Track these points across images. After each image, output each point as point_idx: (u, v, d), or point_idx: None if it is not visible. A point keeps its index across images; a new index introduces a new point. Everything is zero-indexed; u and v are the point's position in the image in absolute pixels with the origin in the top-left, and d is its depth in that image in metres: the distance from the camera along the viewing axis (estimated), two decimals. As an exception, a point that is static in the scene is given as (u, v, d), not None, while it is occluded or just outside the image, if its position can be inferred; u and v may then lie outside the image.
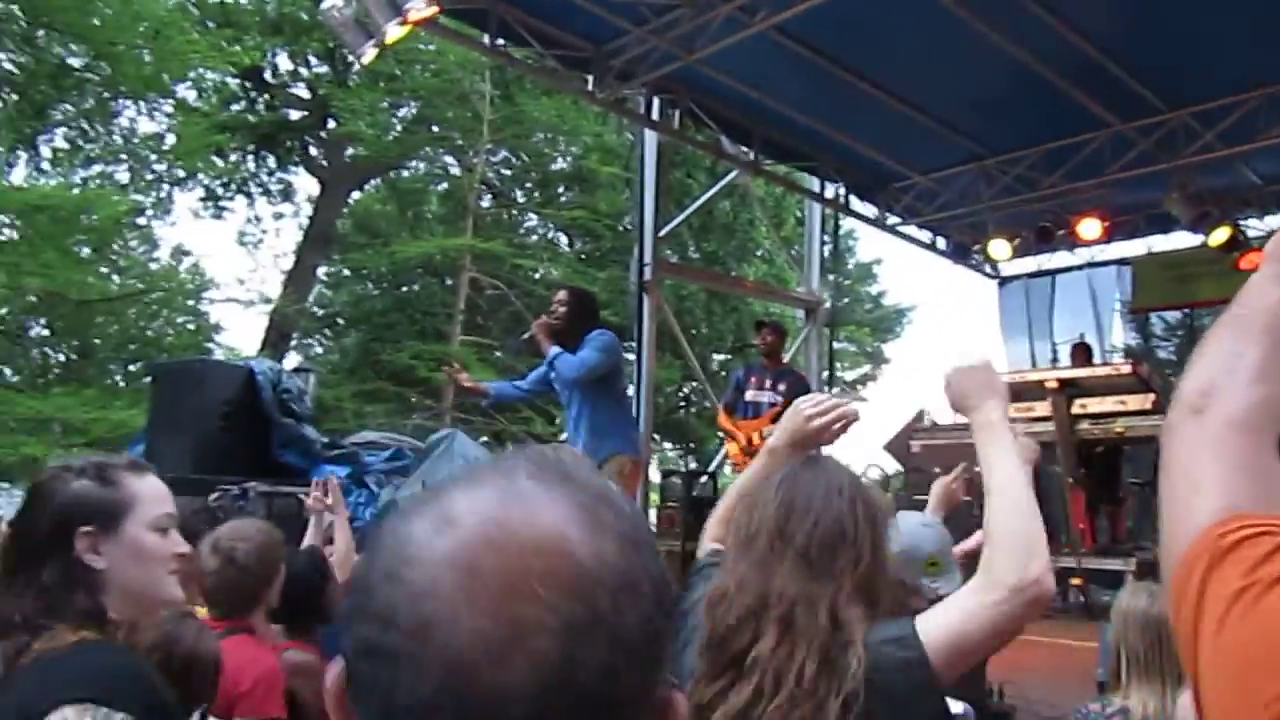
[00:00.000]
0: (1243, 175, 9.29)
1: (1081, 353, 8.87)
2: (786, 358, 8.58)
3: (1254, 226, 9.79)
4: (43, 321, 17.79)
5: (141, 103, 17.11)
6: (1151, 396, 7.29)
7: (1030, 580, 1.52)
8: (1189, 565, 0.88)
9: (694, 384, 20.40)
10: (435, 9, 6.21)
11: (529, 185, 22.53)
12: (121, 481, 1.72)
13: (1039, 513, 1.62)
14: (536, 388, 5.95)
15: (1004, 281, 12.24)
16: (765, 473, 1.90)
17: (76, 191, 14.83)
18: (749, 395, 7.69)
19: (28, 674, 1.53)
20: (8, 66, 15.41)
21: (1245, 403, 0.98)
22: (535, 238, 22.46)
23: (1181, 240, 10.41)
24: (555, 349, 5.62)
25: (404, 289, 22.12)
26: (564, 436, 6.23)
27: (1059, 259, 11.64)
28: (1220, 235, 9.15)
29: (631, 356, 8.79)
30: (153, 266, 20.25)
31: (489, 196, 21.57)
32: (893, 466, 9.63)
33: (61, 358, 19.74)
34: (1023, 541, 1.56)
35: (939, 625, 1.55)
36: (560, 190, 21.90)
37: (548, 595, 0.56)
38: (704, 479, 9.05)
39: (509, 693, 0.55)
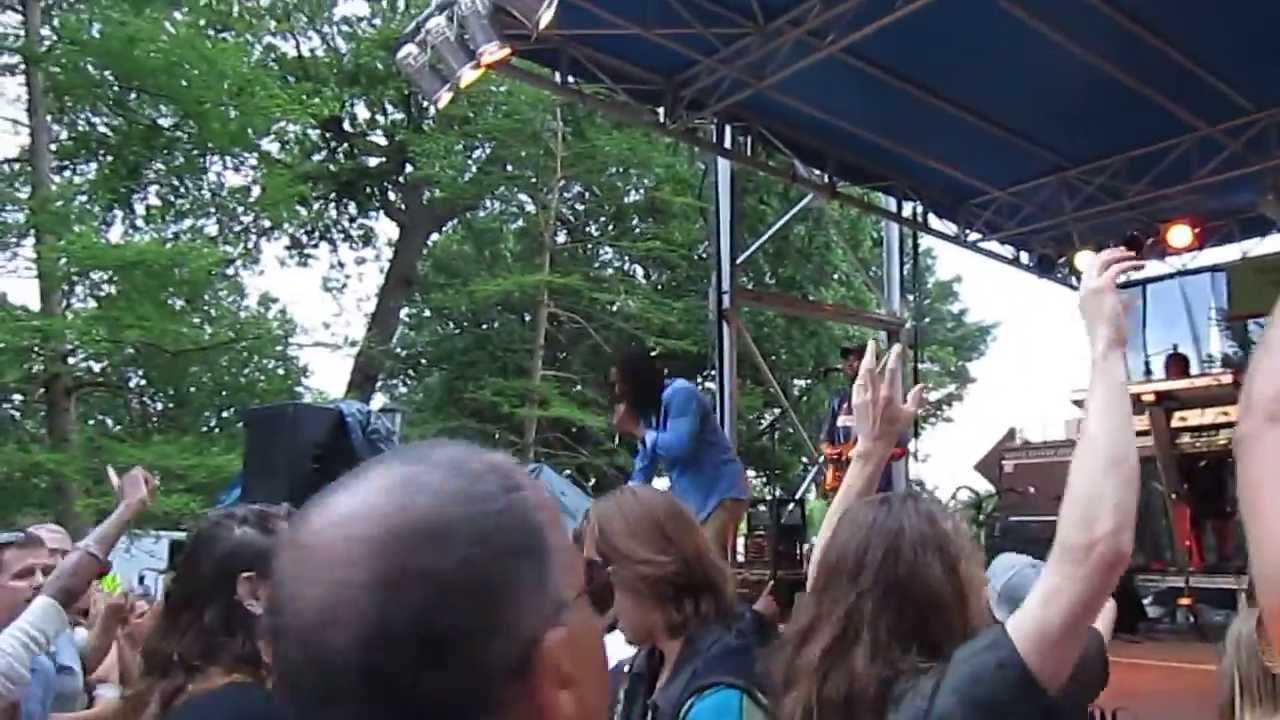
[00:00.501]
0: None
1: (1177, 364, 8.59)
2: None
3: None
4: (140, 372, 18.43)
5: (228, 157, 17.75)
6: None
7: (1096, 540, 1.42)
8: None
9: (777, 410, 20.26)
10: (508, 51, 6.31)
11: (603, 219, 22.73)
12: (280, 530, 1.79)
13: (1126, 465, 1.49)
14: (653, 466, 5.86)
15: (1083, 303, 11.93)
16: (864, 472, 2.03)
17: (169, 246, 15.37)
18: (840, 421, 7.67)
19: (182, 714, 1.59)
20: (103, 130, 16.12)
21: None
22: (611, 270, 22.63)
23: (1278, 243, 10.04)
24: (649, 434, 5.51)
25: (484, 327, 22.45)
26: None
27: (1150, 268, 11.31)
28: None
29: (713, 385, 8.77)
30: (242, 315, 20.88)
31: (564, 232, 21.82)
32: (984, 487, 9.42)
33: (159, 406, 20.44)
34: (1088, 501, 1.46)
35: (1024, 618, 1.47)
36: (634, 222, 22.06)
37: (359, 556, 0.63)
38: (791, 507, 8.95)
39: (343, 646, 0.62)
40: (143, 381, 19.24)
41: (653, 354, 6.01)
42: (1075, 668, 1.50)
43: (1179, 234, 9.55)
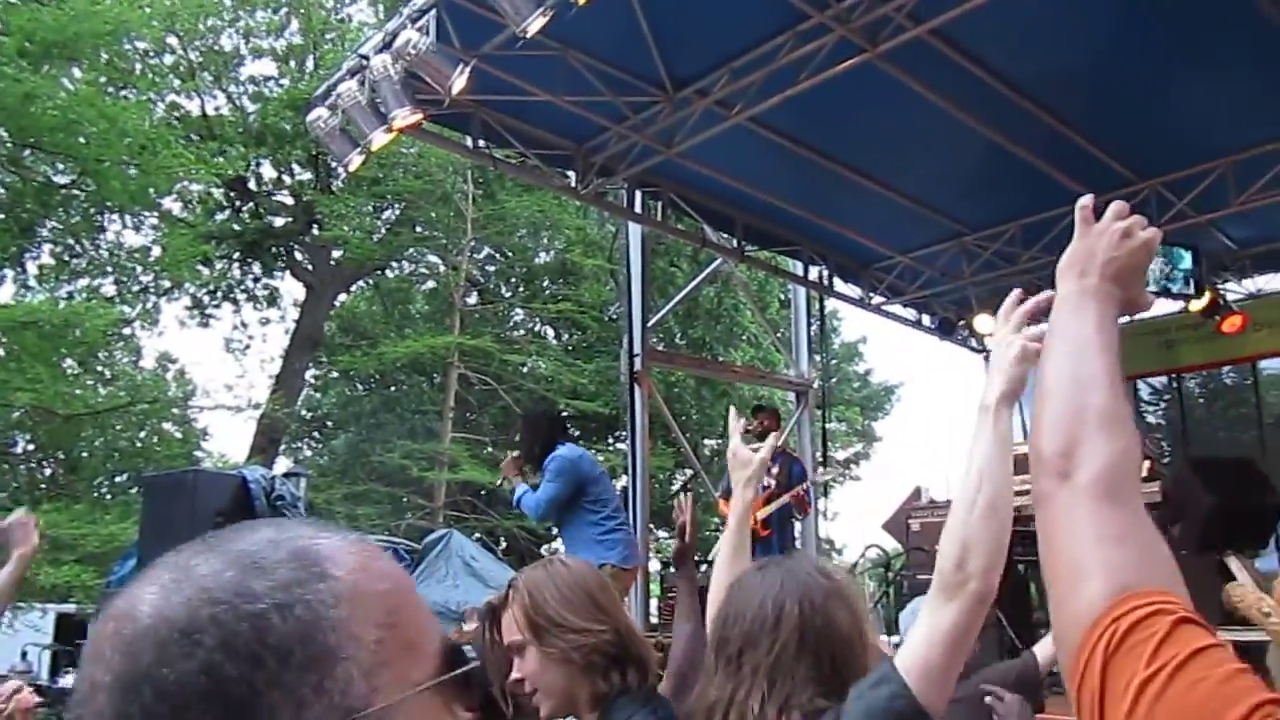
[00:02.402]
0: (1218, 240, 9.44)
1: None
2: (780, 440, 8.58)
3: (1233, 290, 9.93)
4: (28, 437, 17.67)
5: (128, 216, 17.30)
6: (1146, 464, 7.28)
7: (969, 576, 1.54)
8: (1086, 657, 0.85)
9: (689, 471, 20.32)
10: (420, 116, 6.33)
11: (514, 280, 22.75)
12: None
13: (1002, 512, 1.58)
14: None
15: (990, 355, 12.31)
16: (738, 516, 2.40)
17: (63, 306, 14.85)
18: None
19: None
20: (-6, 187, 15.59)
21: (1106, 462, 0.96)
22: (522, 332, 22.58)
23: (1163, 307, 10.49)
24: (519, 490, 5.75)
25: (393, 389, 22.15)
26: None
27: (1044, 330, 11.73)
28: (1200, 301, 9.27)
29: (624, 446, 8.77)
30: (139, 377, 20.22)
31: (474, 293, 21.74)
32: (892, 546, 9.55)
33: (48, 472, 19.56)
34: (965, 542, 1.56)
35: (909, 654, 1.57)
36: (545, 284, 22.10)
37: (109, 655, 0.61)
38: (704, 567, 8.95)
39: None
40: (30, 446, 18.43)
41: (562, 416, 6.12)
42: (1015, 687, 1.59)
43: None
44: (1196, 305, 9.26)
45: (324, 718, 0.61)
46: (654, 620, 9.11)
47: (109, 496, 18.59)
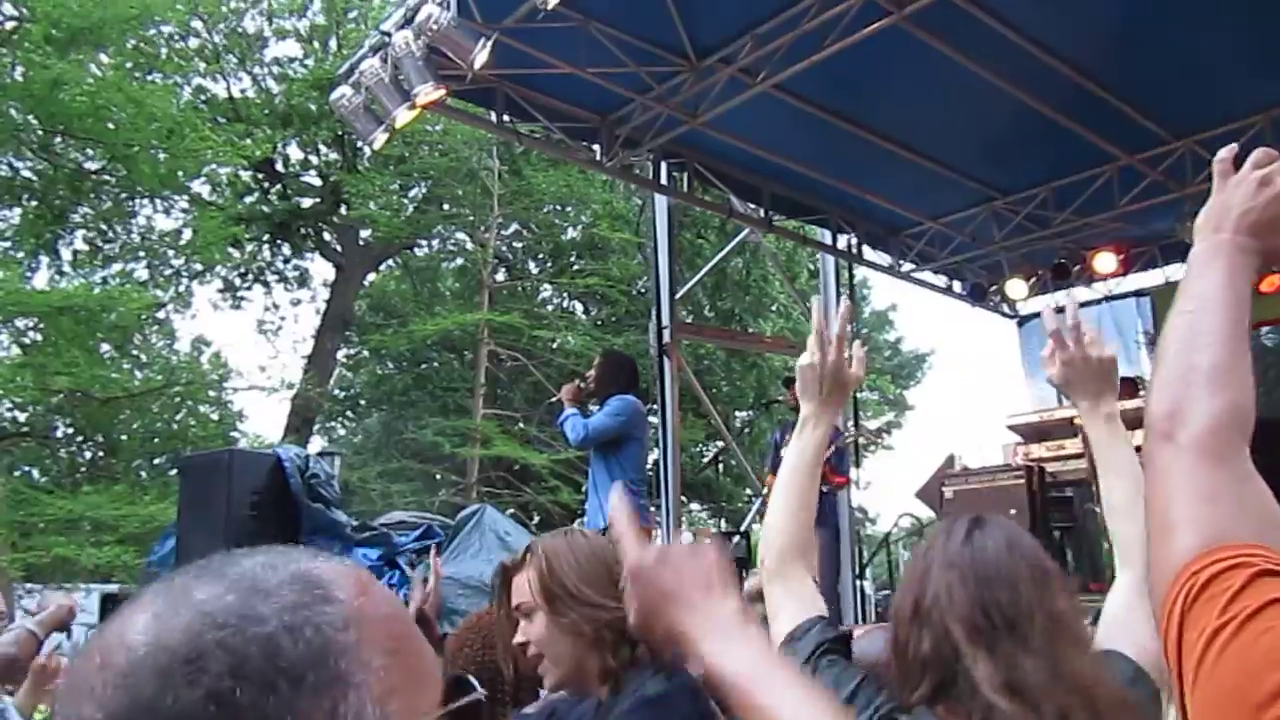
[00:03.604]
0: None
1: (1128, 386, 8.79)
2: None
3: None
4: (68, 421, 17.95)
5: (158, 200, 17.45)
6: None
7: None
8: (1168, 609, 0.87)
9: (720, 443, 20.32)
10: (443, 92, 6.31)
11: (541, 256, 22.74)
12: None
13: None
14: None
15: (1023, 320, 12.17)
16: (819, 439, 1.88)
17: (98, 291, 15.03)
18: (784, 453, 7.65)
19: None
20: (26, 174, 15.77)
21: (1210, 421, 0.97)
22: (551, 307, 22.61)
23: (1199, 268, 10.34)
24: (567, 412, 5.70)
25: (423, 366, 22.26)
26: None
27: (1078, 294, 11.58)
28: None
29: (655, 420, 8.76)
30: (174, 360, 20.47)
31: (503, 270, 21.79)
32: (926, 514, 9.52)
33: (88, 456, 19.89)
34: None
35: (1143, 645, 1.51)
36: (573, 259, 22.09)
37: (99, 688, 0.57)
38: (736, 539, 8.96)
39: None
40: (70, 430, 18.73)
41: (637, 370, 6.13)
42: None
43: (1104, 260, 9.81)
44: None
45: None
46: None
47: (147, 478, 18.87)
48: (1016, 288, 10.35)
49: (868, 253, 10.43)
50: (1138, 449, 1.51)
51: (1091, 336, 1.77)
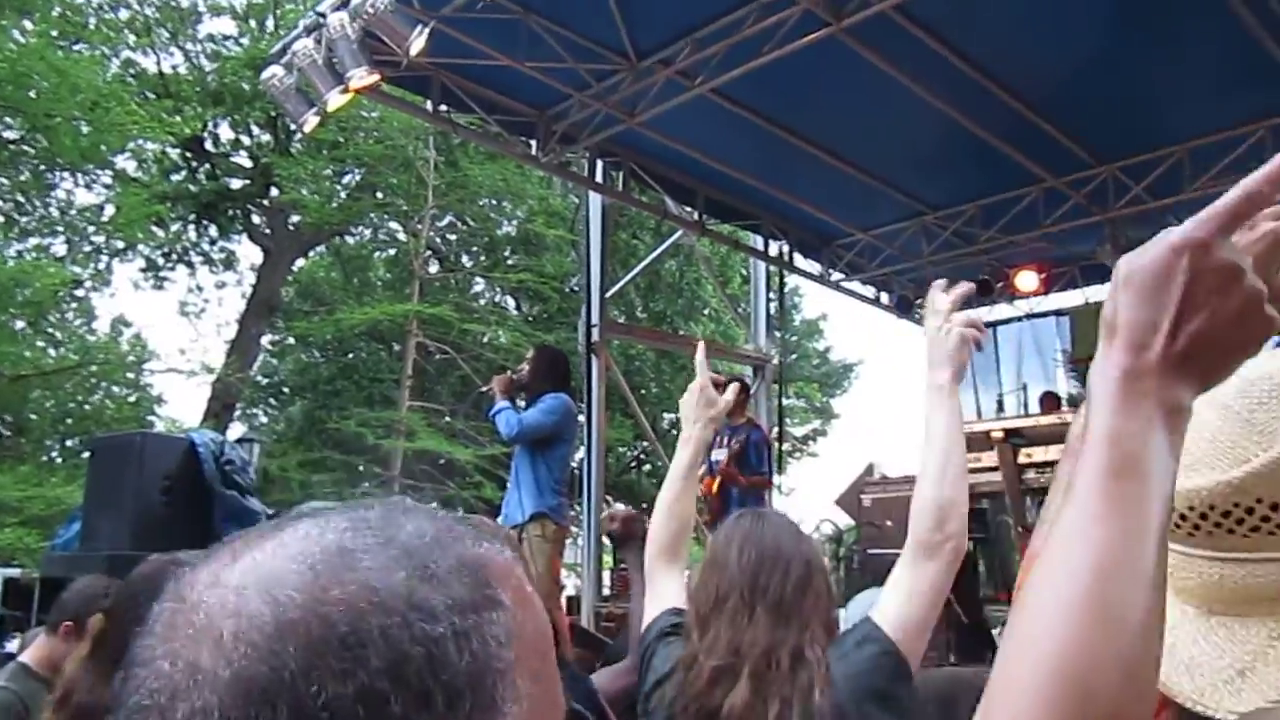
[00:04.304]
0: (1171, 225, 9.53)
1: (1050, 401, 9.02)
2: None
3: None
4: (-27, 398, 17.36)
5: (79, 174, 16.94)
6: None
7: (948, 536, 1.68)
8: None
9: (645, 444, 20.36)
10: (377, 77, 6.23)
11: (475, 249, 22.55)
12: None
13: (966, 478, 1.76)
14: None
15: (929, 343, 12.37)
16: (690, 456, 2.18)
17: (11, 265, 14.54)
18: (713, 455, 7.66)
19: None
20: (-61, 141, 15.21)
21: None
22: (483, 302, 22.43)
23: (1114, 289, 10.63)
24: (500, 405, 5.63)
25: (350, 356, 21.92)
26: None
27: (1001, 311, 11.84)
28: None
29: (581, 418, 8.74)
30: (91, 339, 19.89)
31: (435, 262, 21.55)
32: (845, 521, 9.64)
33: (-6, 435, 19.23)
34: (941, 505, 1.70)
35: (888, 609, 1.67)
36: (506, 254, 21.94)
37: (232, 645, 0.47)
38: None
39: None
40: (-24, 408, 18.11)
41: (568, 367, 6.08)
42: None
43: (1026, 279, 10.04)
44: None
45: None
46: (605, 591, 9.13)
47: (59, 460, 18.32)
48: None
49: (799, 260, 10.53)
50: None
51: (965, 320, 1.92)
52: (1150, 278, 0.72)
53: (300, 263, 21.94)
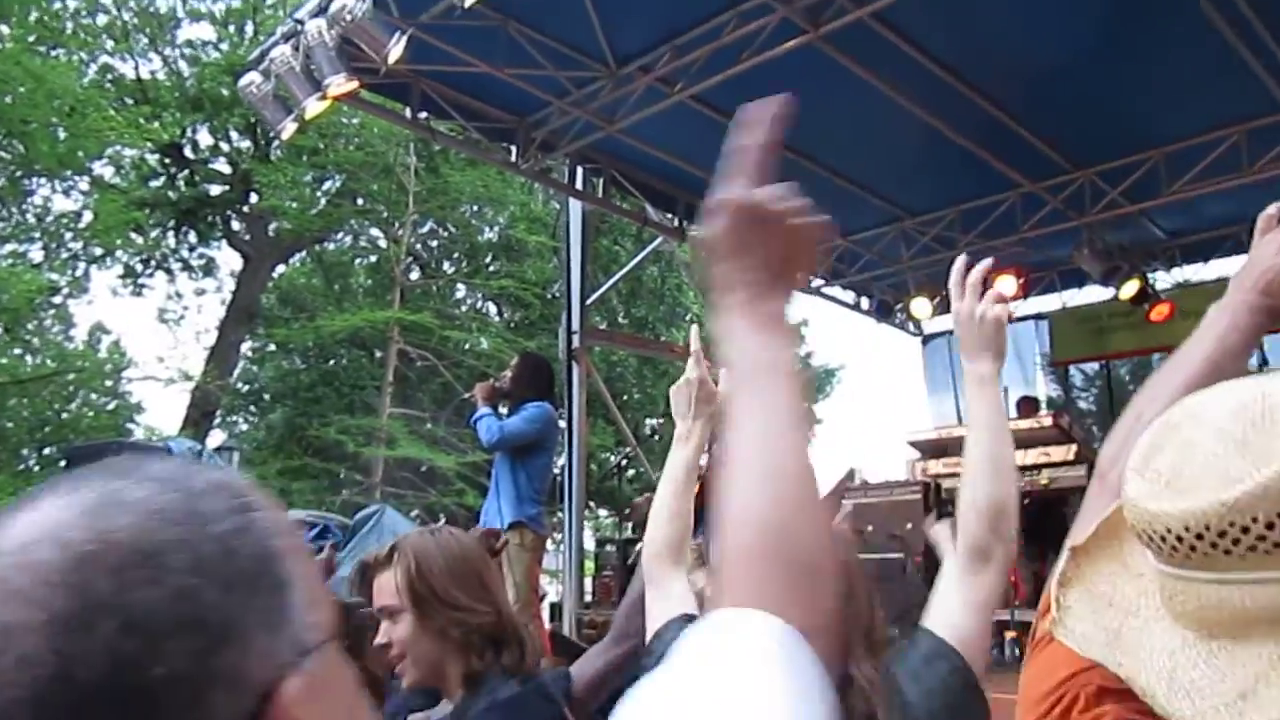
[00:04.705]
0: (1148, 230, 9.63)
1: (1028, 406, 9.06)
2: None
3: (1161, 279, 10.15)
4: (-52, 406, 17.18)
5: (56, 180, 16.82)
6: (1074, 447, 7.44)
7: (1003, 542, 1.56)
8: (1038, 613, 1.00)
9: (627, 450, 20.35)
10: (355, 84, 6.20)
11: (456, 256, 22.52)
12: None
13: (1013, 470, 1.63)
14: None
15: (927, 339, 12.46)
16: (690, 454, 1.98)
17: (-13, 271, 14.42)
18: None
19: None
20: (-87, 147, 15.07)
21: None
22: (464, 308, 22.38)
23: (1095, 294, 10.72)
24: (482, 411, 5.62)
25: (331, 363, 21.84)
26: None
27: (1001, 293, 11.88)
28: (1130, 288, 9.47)
29: (563, 424, 8.73)
30: (69, 346, 19.73)
31: (416, 268, 21.50)
32: (827, 526, 9.64)
33: (-31, 443, 19.04)
34: (995, 510, 1.57)
35: (949, 623, 1.52)
36: (488, 260, 21.92)
37: (33, 591, 0.51)
38: (639, 547, 8.97)
39: (8, 701, 0.50)
40: (-49, 416, 17.92)
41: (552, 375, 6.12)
42: None
43: (1005, 283, 10.07)
44: (1126, 293, 9.47)
45: (286, 650, 0.57)
46: (588, 599, 9.12)
47: (36, 469, 18.15)
48: (921, 306, 10.58)
49: (779, 266, 10.55)
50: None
51: (996, 298, 1.77)
52: (720, 244, 0.94)
53: (281, 269, 21.84)
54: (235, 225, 21.30)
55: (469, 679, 1.90)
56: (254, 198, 19.89)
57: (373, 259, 22.17)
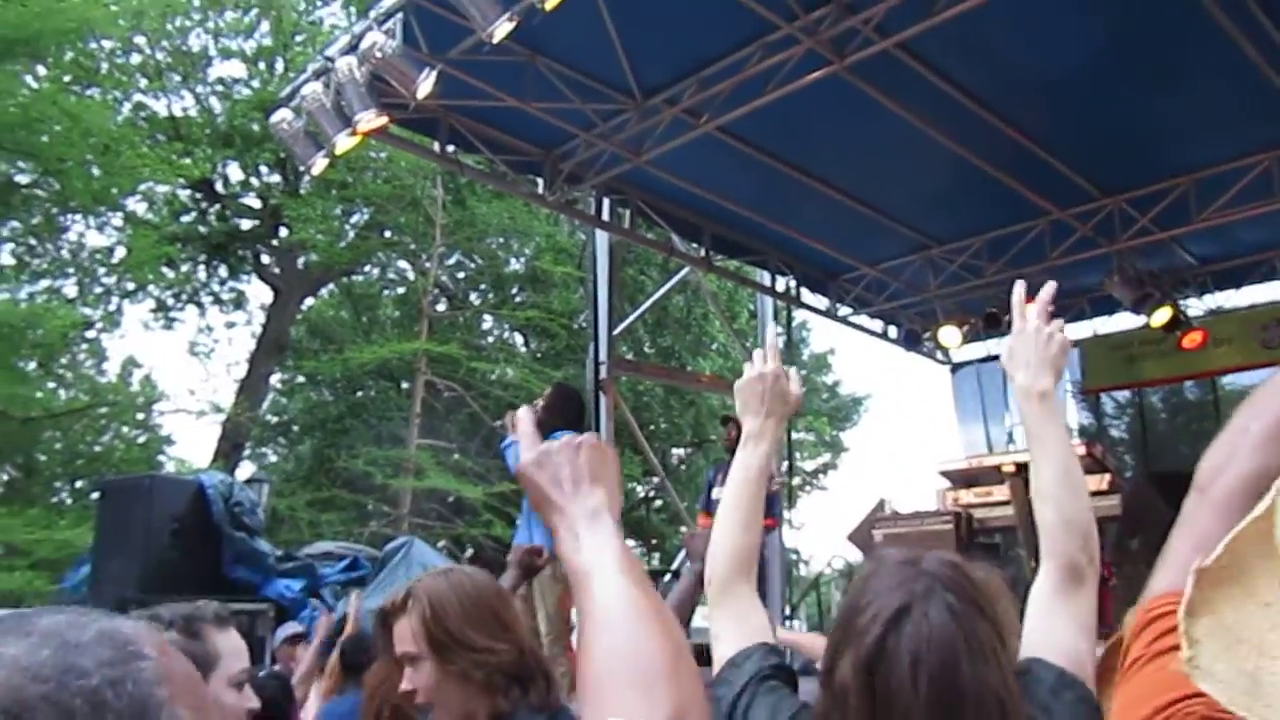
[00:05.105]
0: (1179, 256, 9.55)
1: None
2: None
3: (1193, 305, 10.05)
4: (-16, 440, 17.38)
5: (90, 217, 17.08)
6: (1107, 477, 7.34)
7: (1094, 557, 1.52)
8: (1128, 634, 0.98)
9: (654, 480, 20.29)
10: (385, 119, 6.28)
11: (483, 287, 22.63)
12: (207, 636, 1.74)
13: (1085, 487, 1.60)
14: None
15: (956, 367, 12.39)
16: (765, 454, 1.83)
17: (23, 306, 14.62)
18: (715, 493, 7.66)
19: None
20: (-48, 186, 15.34)
21: (1236, 481, 1.02)
22: (491, 339, 22.48)
23: (1126, 321, 10.63)
24: (512, 438, 5.65)
25: (359, 394, 21.96)
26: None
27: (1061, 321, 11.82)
28: (1162, 316, 9.38)
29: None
30: (101, 380, 19.96)
31: (443, 300, 21.63)
32: (857, 557, 9.57)
33: (4, 476, 19.25)
34: (1084, 526, 1.54)
35: (1064, 649, 1.45)
36: (514, 291, 22.02)
37: None
38: (667, 578, 8.93)
39: None
40: (-14, 449, 18.12)
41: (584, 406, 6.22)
42: None
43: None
44: (1157, 321, 9.37)
45: None
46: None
47: (69, 502, 18.31)
48: (949, 335, 10.52)
49: (806, 295, 10.54)
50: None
51: (1057, 325, 1.76)
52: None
53: (309, 302, 22.04)
54: (265, 259, 21.53)
55: (496, 718, 1.88)
56: (283, 231, 20.11)
57: (400, 291, 22.34)
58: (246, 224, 20.78)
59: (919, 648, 1.25)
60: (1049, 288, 1.82)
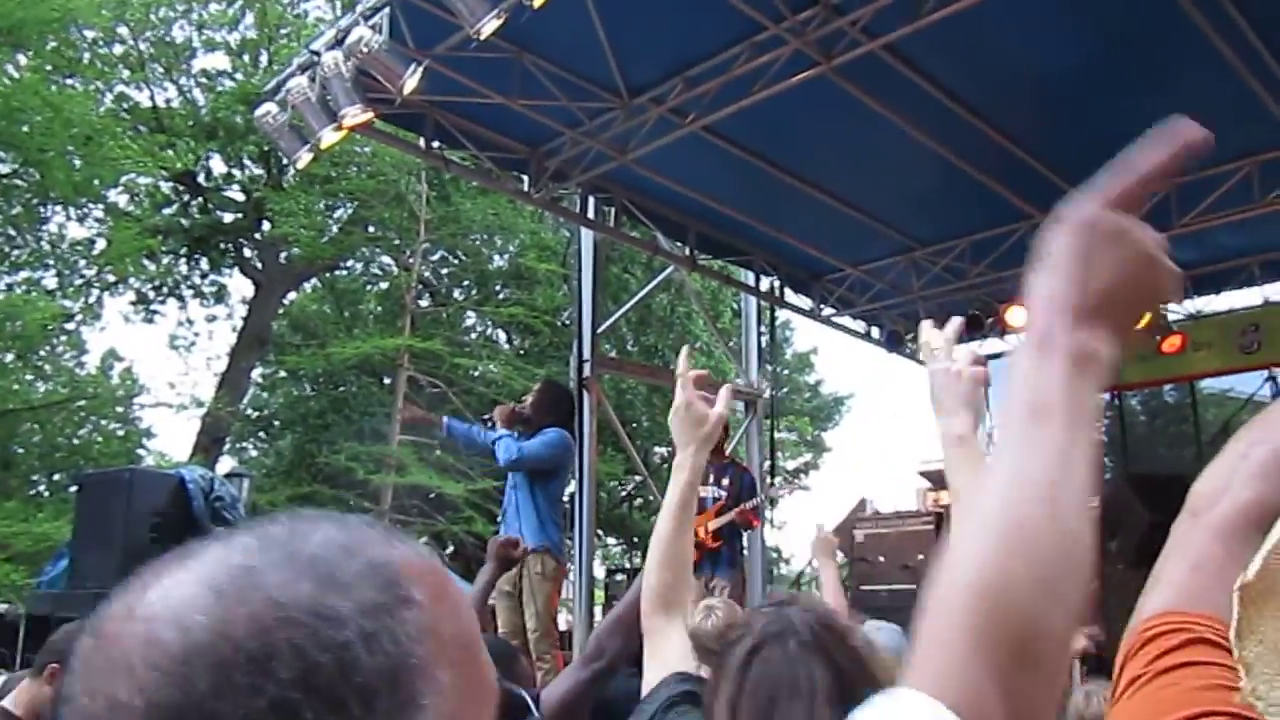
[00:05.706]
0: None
1: None
2: (729, 450, 8.59)
3: (1173, 310, 10.12)
4: (-40, 432, 17.23)
5: (71, 208, 16.96)
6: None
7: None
8: (1120, 655, 0.96)
9: (636, 478, 20.30)
10: (370, 115, 6.25)
11: (466, 283, 22.60)
12: None
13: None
14: (480, 448, 6.01)
15: (935, 385, 12.40)
16: (684, 484, 1.87)
17: (1, 298, 14.51)
18: (702, 491, 7.67)
19: None
20: (-69, 175, 15.21)
21: (1232, 508, 1.01)
22: (474, 335, 22.44)
23: (1106, 325, 10.67)
24: (500, 432, 5.69)
25: (341, 389, 21.89)
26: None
27: (991, 345, 11.88)
28: (1142, 319, 9.44)
29: (573, 453, 8.73)
30: (80, 372, 19.82)
31: (426, 295, 21.58)
32: (838, 556, 9.60)
33: (-20, 469, 19.10)
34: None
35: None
36: (498, 288, 21.99)
37: (143, 673, 0.49)
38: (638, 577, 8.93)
39: None
40: (-38, 441, 17.97)
41: (573, 404, 6.30)
42: None
43: (1017, 314, 10.08)
44: (1138, 324, 9.44)
45: None
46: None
47: (47, 495, 18.18)
48: (931, 337, 10.55)
49: (790, 295, 10.57)
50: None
51: (971, 358, 1.71)
52: (1054, 256, 0.84)
53: (291, 296, 21.96)
54: (247, 252, 21.44)
55: None
56: (266, 225, 20.03)
57: (383, 286, 22.28)
58: (229, 217, 20.69)
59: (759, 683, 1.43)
60: (954, 323, 1.78)
